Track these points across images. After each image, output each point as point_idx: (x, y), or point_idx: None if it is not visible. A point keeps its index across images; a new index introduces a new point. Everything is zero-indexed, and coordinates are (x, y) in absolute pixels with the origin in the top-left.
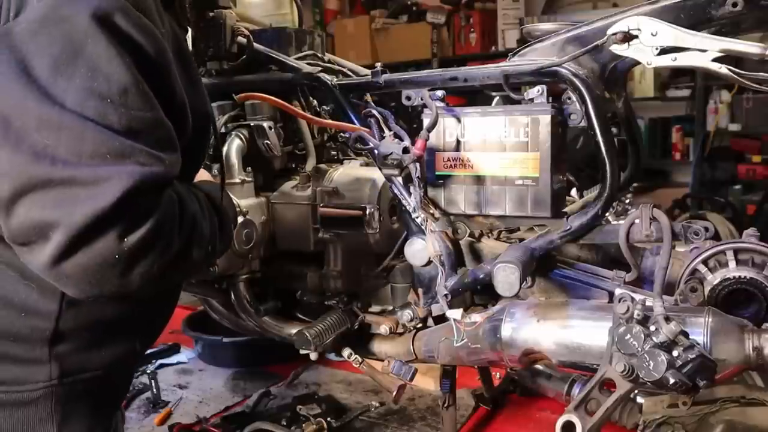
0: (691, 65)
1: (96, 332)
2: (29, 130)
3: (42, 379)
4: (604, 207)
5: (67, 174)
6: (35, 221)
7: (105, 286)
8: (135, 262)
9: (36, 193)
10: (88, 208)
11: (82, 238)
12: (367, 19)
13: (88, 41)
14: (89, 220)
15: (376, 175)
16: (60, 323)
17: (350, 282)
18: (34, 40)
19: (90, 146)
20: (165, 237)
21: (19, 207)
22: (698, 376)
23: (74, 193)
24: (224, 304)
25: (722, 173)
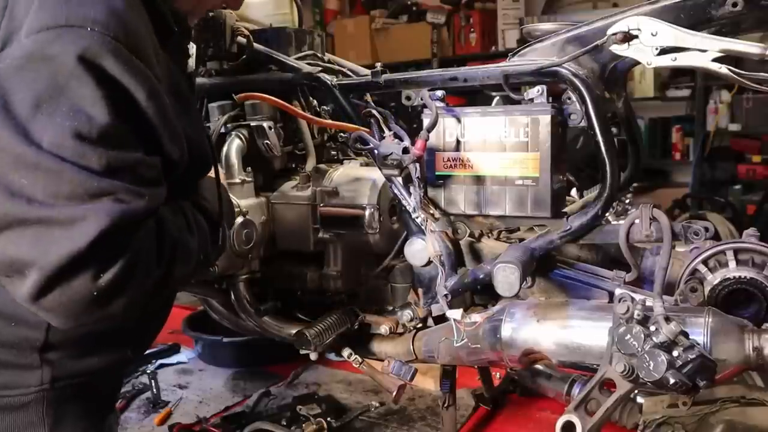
0: (691, 65)
1: (87, 342)
2: (6, 168)
3: (33, 383)
4: (604, 207)
5: (43, 214)
6: (11, 258)
7: (86, 318)
8: (113, 297)
9: (12, 231)
10: (63, 248)
11: (57, 278)
12: (367, 19)
13: (73, 81)
14: (64, 261)
15: (376, 175)
16: (50, 334)
17: (350, 282)
18: (18, 76)
19: (67, 187)
20: (141, 270)
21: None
22: (698, 376)
23: (50, 233)
24: (224, 304)
25: (722, 173)
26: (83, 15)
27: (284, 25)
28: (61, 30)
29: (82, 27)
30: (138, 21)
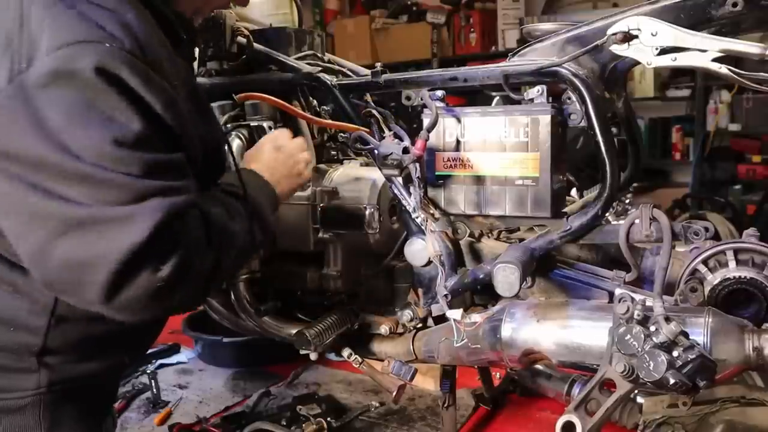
0: (691, 65)
1: (84, 347)
2: (52, 181)
3: (30, 387)
4: (604, 207)
5: (98, 216)
6: (73, 263)
7: (153, 311)
8: (175, 288)
9: (70, 237)
10: (124, 246)
11: (122, 275)
12: (367, 19)
13: (98, 93)
14: (127, 258)
15: (376, 175)
16: (48, 339)
17: (350, 282)
18: (46, 93)
19: (115, 194)
20: (196, 259)
21: (56, 250)
22: (698, 377)
23: (108, 234)
24: (224, 304)
25: (722, 173)
26: (98, 31)
27: (284, 25)
28: (78, 46)
29: (99, 42)
30: (150, 32)
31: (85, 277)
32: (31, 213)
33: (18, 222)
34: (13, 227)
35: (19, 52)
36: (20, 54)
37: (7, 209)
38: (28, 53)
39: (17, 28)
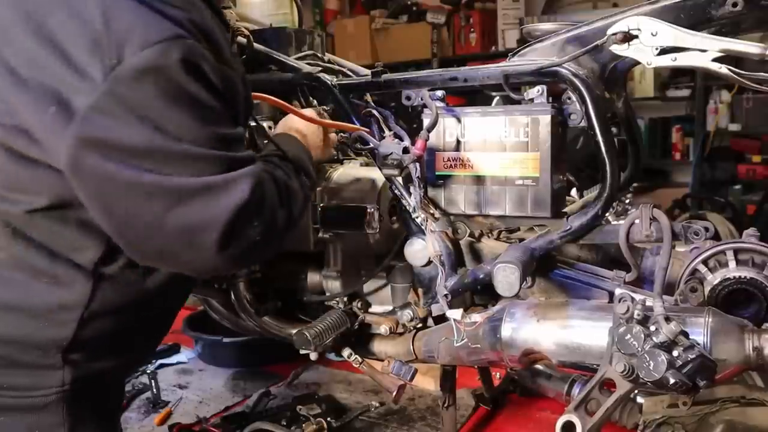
0: (691, 65)
1: (107, 342)
2: (164, 161)
3: (55, 384)
4: (604, 207)
5: (205, 184)
6: (187, 228)
7: (253, 261)
8: (268, 240)
9: (184, 205)
10: (231, 205)
11: (231, 230)
12: (367, 19)
13: (186, 84)
14: (233, 216)
15: (376, 175)
16: (77, 334)
17: (350, 282)
18: (142, 86)
19: (212, 166)
20: (278, 215)
21: (171, 219)
22: (698, 376)
23: (216, 198)
24: (224, 304)
25: (722, 173)
26: (178, 28)
27: (284, 25)
28: (165, 43)
29: (181, 38)
30: (213, 26)
31: (199, 239)
32: (146, 192)
33: (131, 201)
34: (125, 207)
35: (109, 51)
36: (110, 53)
37: (117, 192)
38: (118, 51)
39: (103, 30)
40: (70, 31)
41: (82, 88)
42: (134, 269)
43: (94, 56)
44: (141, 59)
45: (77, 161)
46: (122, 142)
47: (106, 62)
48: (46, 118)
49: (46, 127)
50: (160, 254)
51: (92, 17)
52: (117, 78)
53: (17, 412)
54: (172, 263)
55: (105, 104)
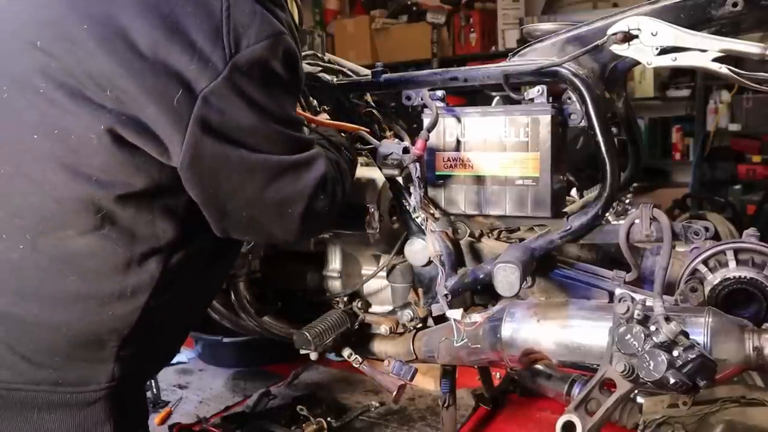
0: (691, 65)
1: (159, 334)
2: (266, 141)
3: (105, 380)
4: (604, 207)
5: (293, 161)
6: (281, 200)
7: (326, 227)
8: (333, 210)
9: (279, 179)
10: (313, 180)
11: (314, 201)
12: (367, 19)
13: (286, 75)
14: (315, 189)
15: (376, 175)
16: (139, 322)
17: (350, 282)
18: (253, 75)
19: (297, 146)
20: (338, 187)
21: (269, 193)
22: (698, 376)
23: (300, 174)
24: (224, 304)
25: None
26: (280, 25)
27: None
28: (275, 38)
29: (283, 34)
30: (293, 27)
31: (289, 210)
32: (249, 167)
33: (237, 177)
34: (231, 182)
35: (228, 41)
36: (229, 43)
37: (228, 169)
38: (236, 42)
39: (225, 21)
40: (196, 20)
41: (205, 74)
42: (201, 255)
43: (216, 45)
44: (255, 51)
45: (195, 140)
46: (235, 123)
47: (226, 51)
48: (170, 102)
49: (168, 110)
50: (251, 225)
51: (215, 9)
52: (234, 66)
53: (69, 408)
54: (258, 234)
55: (223, 90)
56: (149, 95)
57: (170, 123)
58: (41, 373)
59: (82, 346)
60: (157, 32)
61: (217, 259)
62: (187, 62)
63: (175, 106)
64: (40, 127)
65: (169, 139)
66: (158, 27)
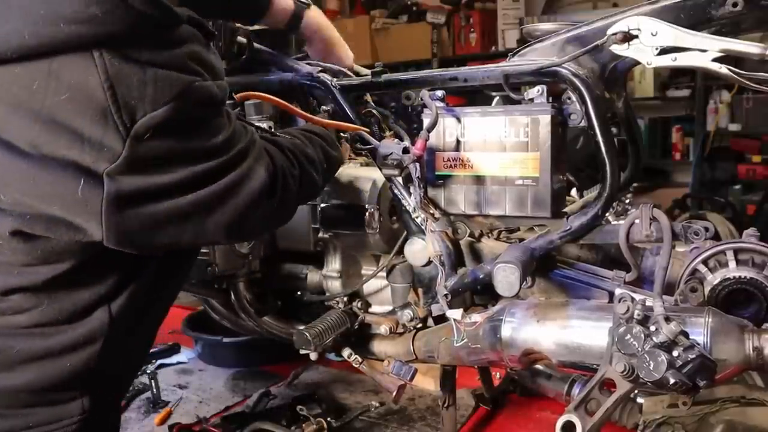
0: (691, 65)
1: (124, 360)
2: (191, 184)
3: (76, 413)
4: (604, 207)
5: (226, 183)
6: (226, 222)
7: (288, 215)
8: (292, 197)
9: (220, 206)
10: (256, 189)
11: (263, 208)
12: (367, 19)
13: (202, 118)
14: (260, 197)
15: (376, 175)
16: (99, 362)
17: (350, 282)
18: (162, 139)
19: (226, 166)
20: (292, 172)
21: (212, 222)
22: (698, 376)
23: (239, 191)
24: (224, 304)
25: (722, 173)
26: (183, 81)
27: None
28: (177, 99)
29: (189, 86)
30: (204, 44)
31: (240, 225)
32: (182, 214)
33: (174, 227)
34: (169, 234)
35: (120, 118)
36: (122, 119)
37: (160, 225)
38: (130, 116)
39: (109, 101)
40: (75, 107)
41: (102, 158)
42: (149, 284)
43: (107, 128)
44: (155, 118)
45: (114, 219)
46: (152, 184)
47: (120, 130)
48: (74, 194)
49: (75, 202)
50: (206, 245)
51: (95, 90)
52: (134, 140)
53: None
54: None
55: (128, 164)
56: (48, 195)
57: (82, 212)
58: (7, 423)
59: (46, 396)
60: (34, 128)
61: (169, 279)
62: (79, 151)
63: (81, 197)
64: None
65: (86, 225)
66: (33, 122)
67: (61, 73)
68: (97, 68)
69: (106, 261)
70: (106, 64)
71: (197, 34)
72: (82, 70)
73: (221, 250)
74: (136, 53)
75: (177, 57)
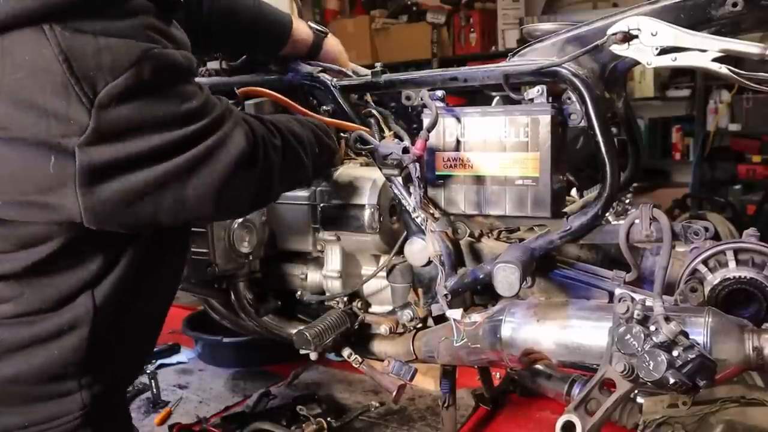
0: (691, 65)
1: (118, 350)
2: (163, 152)
3: (76, 408)
4: (604, 207)
5: (204, 148)
6: (207, 190)
7: (274, 186)
8: (274, 168)
9: (197, 172)
10: (233, 155)
11: (243, 175)
12: (367, 19)
13: (164, 85)
14: (239, 162)
15: (376, 175)
16: (90, 351)
17: (350, 282)
18: (126, 106)
19: (202, 133)
20: (272, 142)
21: (190, 189)
22: (698, 376)
23: (217, 156)
24: (224, 304)
25: (722, 173)
26: (138, 47)
27: None
28: (136, 65)
29: (146, 53)
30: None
31: (221, 194)
32: (159, 183)
33: (151, 198)
34: (147, 205)
35: (81, 89)
36: (84, 91)
37: (137, 196)
38: (91, 87)
39: (68, 74)
40: (34, 83)
41: (71, 131)
42: (130, 272)
43: (69, 100)
44: (117, 87)
45: (90, 196)
46: (125, 154)
47: (84, 101)
48: (46, 173)
49: (48, 180)
50: (192, 220)
51: (51, 64)
52: (99, 110)
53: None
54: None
55: (97, 135)
56: (20, 179)
57: (56, 190)
58: (3, 420)
59: (42, 387)
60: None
61: (156, 265)
62: (46, 128)
63: (53, 174)
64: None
65: (60, 202)
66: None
67: (15, 50)
68: (49, 41)
69: (87, 245)
70: (57, 36)
71: (151, 7)
72: (35, 44)
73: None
74: (87, 24)
75: (131, 26)
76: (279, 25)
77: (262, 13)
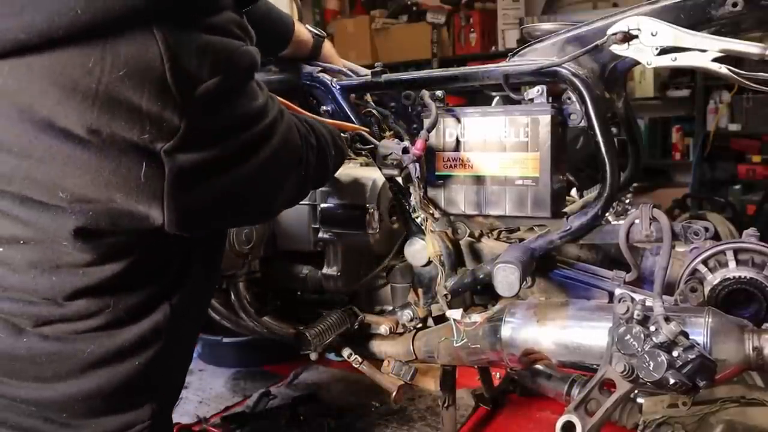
0: (691, 65)
1: (181, 357)
2: (245, 146)
3: (145, 418)
4: (604, 207)
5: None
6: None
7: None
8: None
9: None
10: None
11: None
12: (367, 19)
13: (250, 85)
14: (306, 148)
15: (376, 175)
16: (162, 357)
17: (350, 282)
18: (217, 110)
19: (273, 125)
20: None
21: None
22: (698, 377)
23: (289, 140)
24: (224, 304)
25: (722, 173)
26: (232, 46)
27: None
28: (231, 64)
29: (237, 51)
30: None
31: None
32: (246, 180)
33: (240, 197)
34: (235, 204)
35: (179, 88)
36: (180, 90)
37: (226, 198)
38: (188, 87)
39: (169, 71)
40: (133, 81)
41: (162, 135)
42: (199, 274)
43: (166, 100)
44: (210, 87)
45: (178, 203)
46: (211, 157)
47: (178, 101)
48: (137, 180)
49: (138, 188)
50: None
51: (153, 60)
52: (192, 113)
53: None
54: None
55: (187, 140)
56: (109, 185)
57: (144, 198)
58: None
59: (114, 402)
60: (92, 110)
61: (210, 267)
62: (139, 131)
63: (144, 182)
64: (10, 240)
65: (148, 211)
66: (91, 104)
67: (118, 51)
68: (156, 39)
69: (163, 253)
70: (165, 35)
71: (231, 1)
72: (141, 44)
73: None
74: (191, 22)
75: (225, 22)
76: (282, 25)
77: (268, 11)
